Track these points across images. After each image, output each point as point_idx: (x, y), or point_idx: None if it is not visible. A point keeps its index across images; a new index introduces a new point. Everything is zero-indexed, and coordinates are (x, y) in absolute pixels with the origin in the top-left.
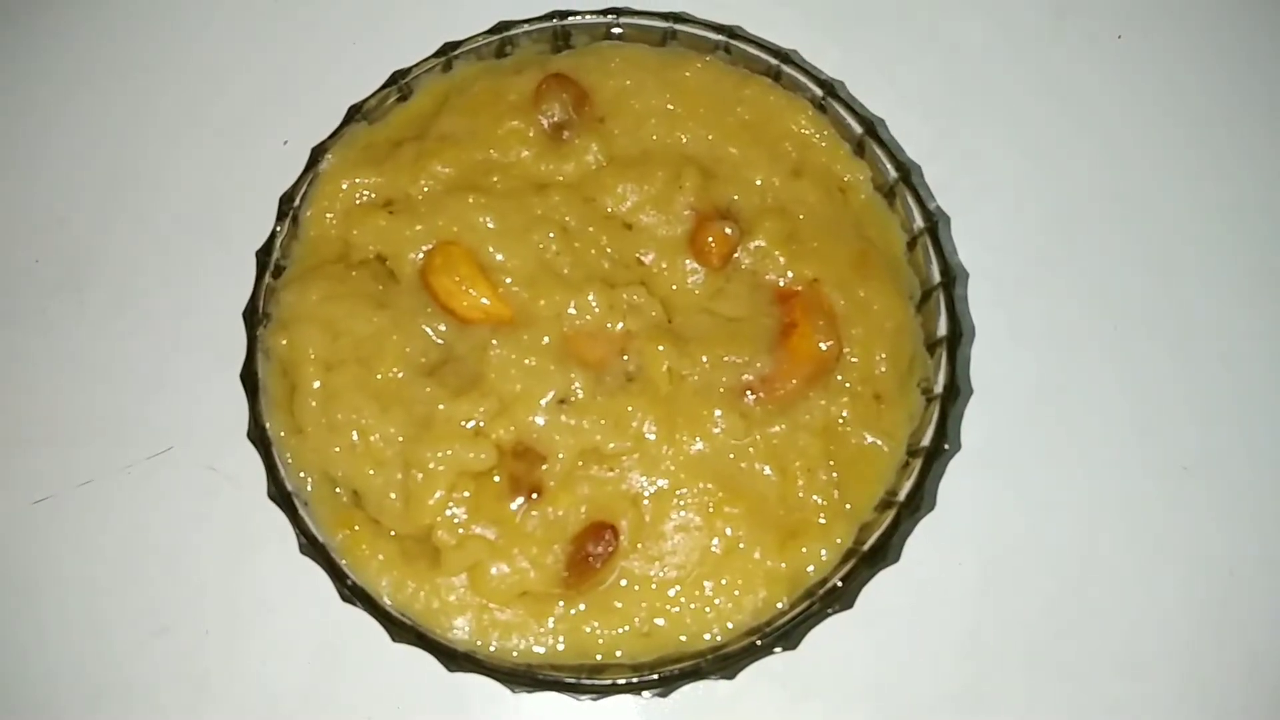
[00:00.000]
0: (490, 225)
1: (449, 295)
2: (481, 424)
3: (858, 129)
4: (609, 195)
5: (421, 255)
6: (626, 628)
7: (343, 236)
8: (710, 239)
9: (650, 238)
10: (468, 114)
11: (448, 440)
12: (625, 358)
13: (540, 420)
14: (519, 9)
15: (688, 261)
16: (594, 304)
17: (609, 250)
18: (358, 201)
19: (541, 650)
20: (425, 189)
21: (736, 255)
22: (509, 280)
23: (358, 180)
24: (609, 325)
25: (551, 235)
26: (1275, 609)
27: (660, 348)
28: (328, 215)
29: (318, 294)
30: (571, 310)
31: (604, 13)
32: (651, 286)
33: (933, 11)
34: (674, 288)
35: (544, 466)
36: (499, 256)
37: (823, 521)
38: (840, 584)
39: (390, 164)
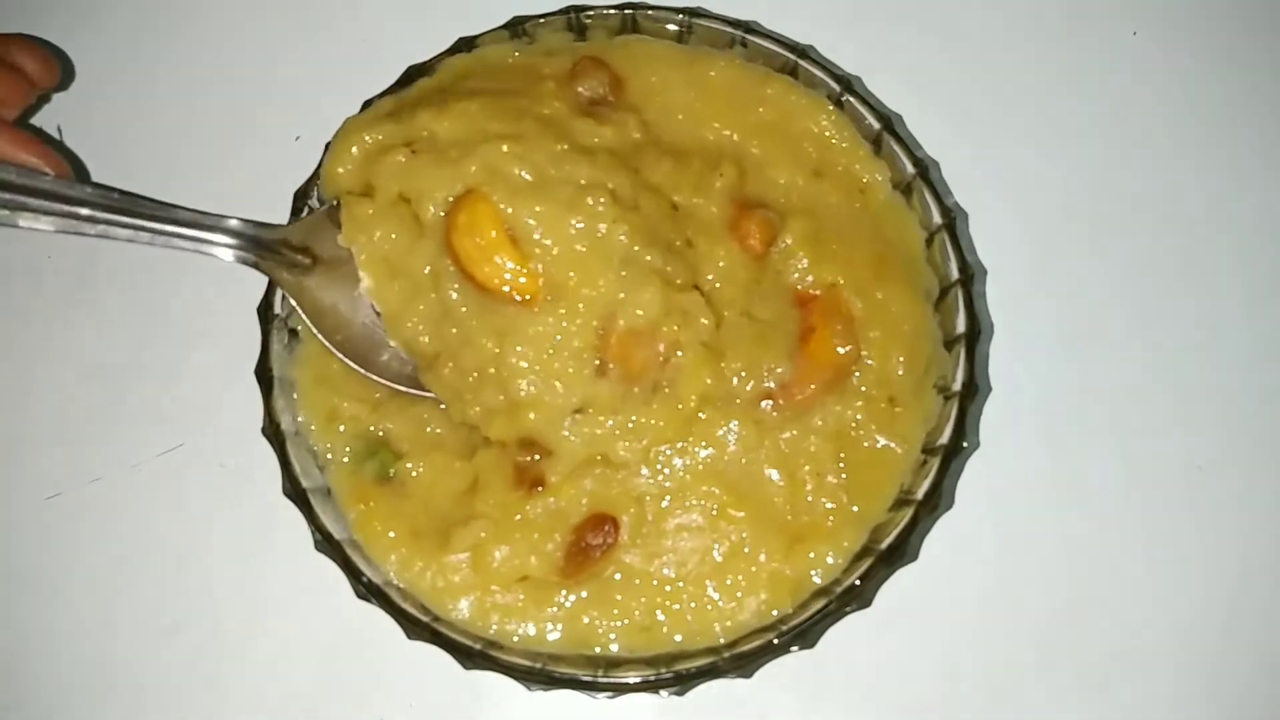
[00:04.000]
0: (526, 177)
1: (470, 260)
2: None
3: (875, 124)
4: (654, 170)
5: (448, 202)
6: (626, 621)
7: (362, 179)
8: (754, 225)
9: (692, 222)
10: (498, 79)
11: None
12: (668, 363)
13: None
14: (534, 5)
15: (731, 250)
16: (649, 304)
17: (663, 232)
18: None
19: (535, 634)
20: (450, 129)
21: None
22: (547, 242)
23: (378, 134)
24: (662, 329)
25: (602, 202)
26: None
27: (707, 379)
28: (341, 170)
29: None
30: (623, 301)
31: (619, 7)
32: (699, 279)
33: (947, 7)
34: (710, 278)
35: (548, 460)
36: (531, 222)
37: (830, 525)
38: (858, 583)
39: (409, 114)
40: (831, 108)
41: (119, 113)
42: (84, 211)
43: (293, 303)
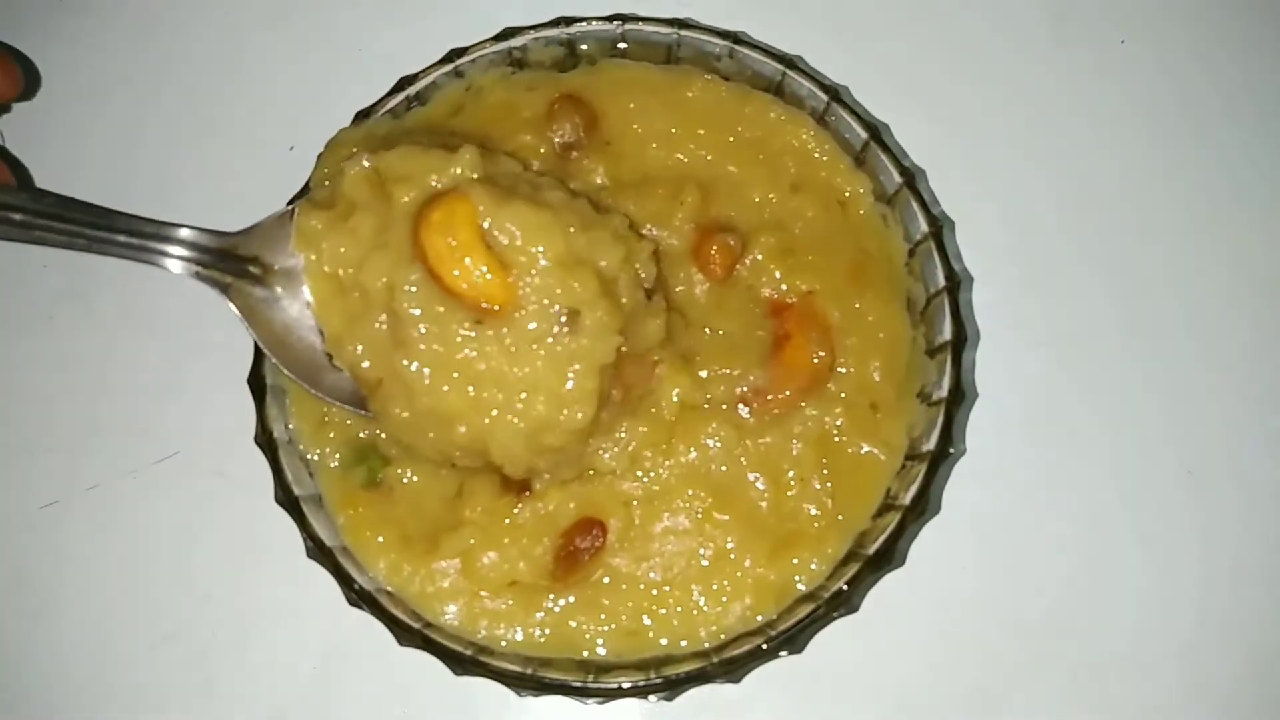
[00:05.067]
0: (517, 188)
1: (439, 259)
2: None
3: (863, 134)
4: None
5: (429, 188)
6: (613, 625)
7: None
8: (714, 250)
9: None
10: (482, 123)
11: None
12: (657, 370)
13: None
14: (526, 17)
15: (693, 273)
16: (658, 330)
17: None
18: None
19: (523, 639)
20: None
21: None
22: (534, 248)
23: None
24: (656, 348)
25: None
26: (1278, 612)
27: (682, 386)
28: (328, 182)
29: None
30: (635, 330)
31: (610, 19)
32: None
33: (936, 17)
34: (679, 289)
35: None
36: (515, 231)
37: (815, 531)
38: (845, 588)
39: (403, 139)
40: (812, 122)
41: (115, 121)
42: (17, 217)
43: (236, 313)
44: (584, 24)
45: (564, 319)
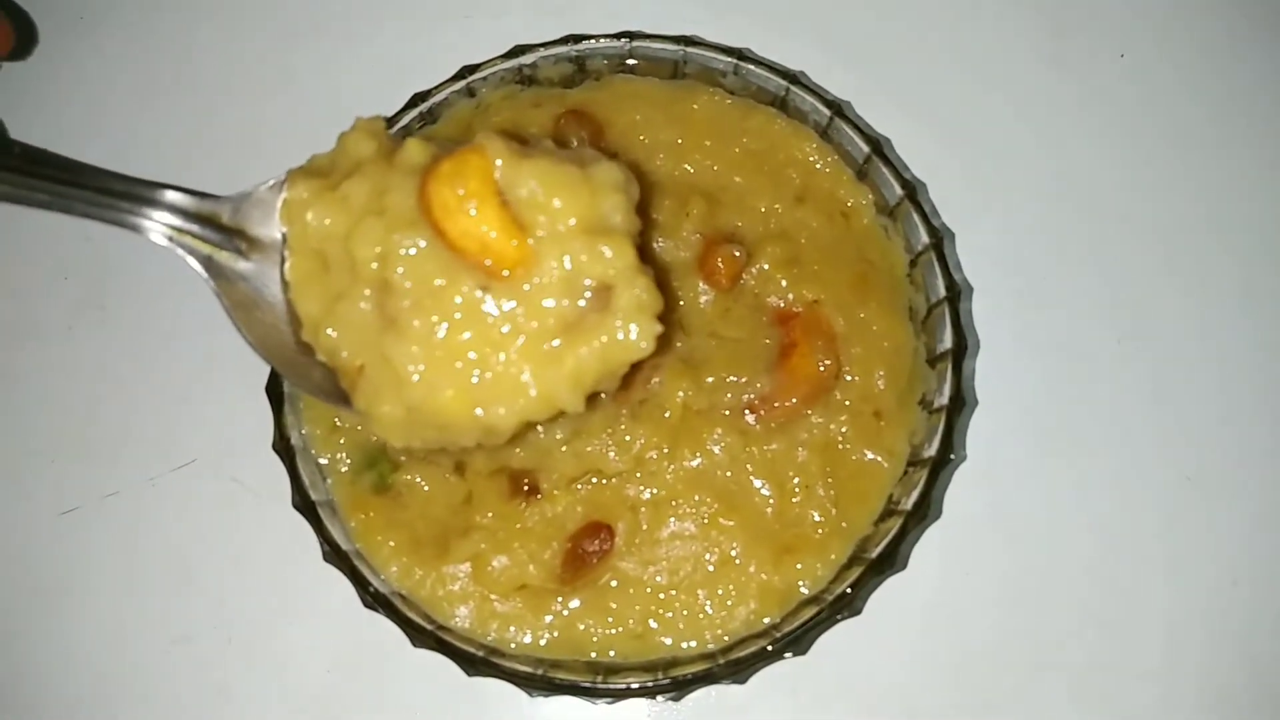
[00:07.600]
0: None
1: (445, 211)
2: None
3: (865, 148)
4: None
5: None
6: (620, 629)
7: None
8: (719, 261)
9: (659, 262)
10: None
11: None
12: (655, 380)
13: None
14: (536, 35)
15: (699, 284)
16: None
17: None
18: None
19: (531, 641)
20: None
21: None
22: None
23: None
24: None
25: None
26: (1278, 618)
27: (685, 390)
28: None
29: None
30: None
31: (617, 36)
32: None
33: (937, 33)
34: (681, 302)
35: (543, 470)
36: (539, 193)
37: (818, 537)
38: (848, 591)
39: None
40: (815, 135)
41: (134, 134)
42: None
43: (213, 287)
44: (592, 41)
45: (590, 294)
